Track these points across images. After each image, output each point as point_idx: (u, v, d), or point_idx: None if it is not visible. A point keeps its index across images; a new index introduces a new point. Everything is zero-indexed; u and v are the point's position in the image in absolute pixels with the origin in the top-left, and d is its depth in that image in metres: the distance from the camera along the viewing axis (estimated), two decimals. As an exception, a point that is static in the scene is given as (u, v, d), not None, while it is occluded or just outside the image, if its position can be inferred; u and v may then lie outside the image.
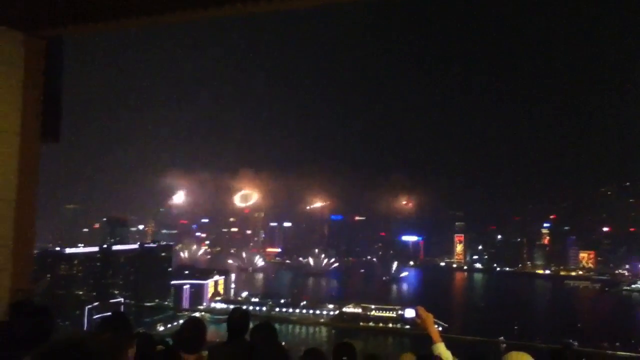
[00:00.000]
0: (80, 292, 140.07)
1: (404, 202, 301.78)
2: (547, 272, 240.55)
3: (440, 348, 5.33)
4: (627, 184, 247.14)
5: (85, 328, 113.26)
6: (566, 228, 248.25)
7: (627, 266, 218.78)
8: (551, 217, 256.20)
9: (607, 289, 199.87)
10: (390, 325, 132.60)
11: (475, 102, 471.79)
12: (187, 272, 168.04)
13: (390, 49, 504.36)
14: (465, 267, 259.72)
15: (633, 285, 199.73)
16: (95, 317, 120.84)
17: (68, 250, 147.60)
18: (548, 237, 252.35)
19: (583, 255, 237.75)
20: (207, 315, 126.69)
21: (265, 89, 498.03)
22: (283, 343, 6.42)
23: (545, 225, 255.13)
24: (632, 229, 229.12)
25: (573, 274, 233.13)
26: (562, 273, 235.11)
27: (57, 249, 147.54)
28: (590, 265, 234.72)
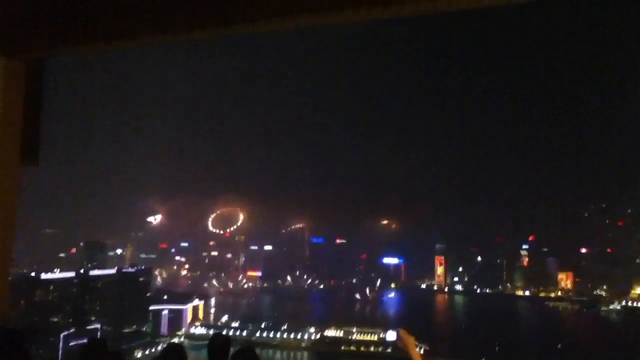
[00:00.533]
0: (56, 319, 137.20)
1: (385, 225, 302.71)
2: (527, 293, 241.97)
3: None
4: (604, 205, 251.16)
5: (60, 355, 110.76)
6: (545, 249, 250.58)
7: (605, 287, 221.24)
8: (530, 238, 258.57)
9: (585, 309, 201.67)
10: (372, 348, 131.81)
11: (455, 124, 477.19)
12: (166, 297, 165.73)
13: (377, 73, 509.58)
14: (446, 289, 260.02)
15: (611, 306, 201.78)
16: (71, 344, 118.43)
17: (44, 276, 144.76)
18: (527, 259, 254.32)
19: (562, 276, 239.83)
20: (187, 341, 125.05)
21: (246, 111, 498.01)
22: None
23: (524, 246, 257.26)
24: (609, 250, 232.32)
25: (552, 294, 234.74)
26: (541, 294, 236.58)
27: (33, 274, 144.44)
28: (569, 286, 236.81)
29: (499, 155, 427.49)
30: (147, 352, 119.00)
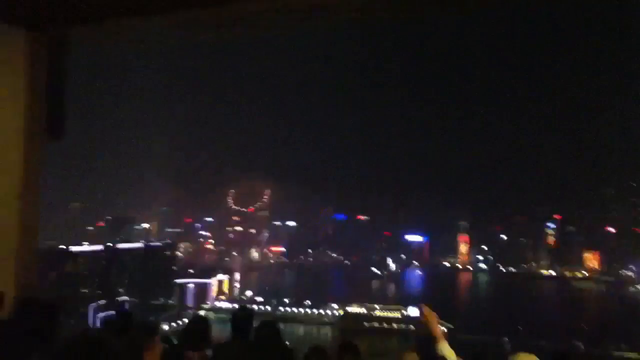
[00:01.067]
0: (86, 290, 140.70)
1: (409, 202, 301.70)
2: (552, 272, 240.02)
3: (444, 348, 5.31)
4: (633, 184, 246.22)
5: (90, 326, 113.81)
6: (571, 228, 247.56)
7: (632, 267, 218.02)
8: (556, 217, 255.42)
9: (612, 289, 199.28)
10: (395, 325, 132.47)
11: (480, 101, 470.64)
12: (191, 270, 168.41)
13: (396, 49, 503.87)
14: (469, 267, 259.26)
15: (638, 286, 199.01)
16: (100, 315, 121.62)
17: (73, 249, 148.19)
18: (553, 238, 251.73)
19: (588, 255, 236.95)
20: (212, 314, 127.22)
21: (272, 91, 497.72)
22: (287, 342, 6.42)
23: (550, 225, 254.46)
24: (636, 229, 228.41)
25: (578, 274, 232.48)
26: (566, 273, 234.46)
27: (63, 247, 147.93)
28: (595, 266, 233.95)
29: (526, 133, 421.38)
30: (173, 324, 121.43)
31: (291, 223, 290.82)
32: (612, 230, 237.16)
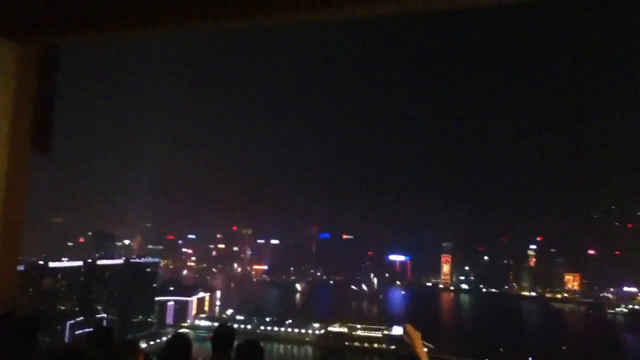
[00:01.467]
0: (63, 307, 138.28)
1: (392, 222, 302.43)
2: (533, 293, 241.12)
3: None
4: (613, 207, 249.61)
5: (68, 343, 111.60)
6: (553, 250, 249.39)
7: (612, 289, 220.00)
8: (538, 238, 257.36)
9: (591, 311, 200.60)
10: (376, 345, 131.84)
11: (465, 122, 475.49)
12: (172, 288, 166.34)
13: (386, 67, 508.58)
14: (452, 288, 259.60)
15: (617, 309, 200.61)
16: (77, 332, 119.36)
17: (52, 264, 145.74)
18: (535, 259, 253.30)
19: (569, 277, 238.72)
20: (192, 332, 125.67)
21: (257, 105, 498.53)
22: (268, 361, 6.39)
23: (531, 247, 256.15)
24: (617, 252, 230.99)
25: (559, 296, 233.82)
26: (548, 295, 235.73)
27: (41, 262, 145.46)
28: (576, 287, 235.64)
29: (508, 155, 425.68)
30: (152, 342, 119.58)
31: (275, 241, 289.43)
32: (593, 252, 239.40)
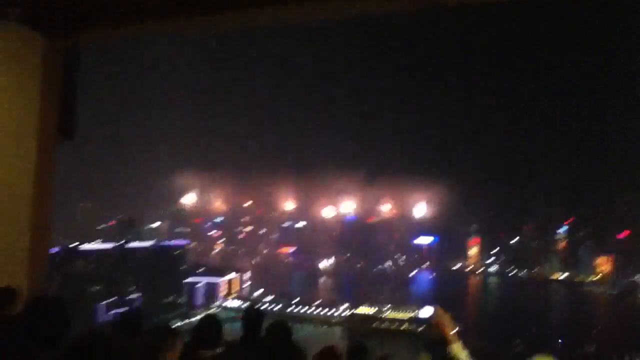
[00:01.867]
0: (95, 289, 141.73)
1: (419, 204, 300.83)
2: (563, 277, 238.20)
3: (456, 349, 5.28)
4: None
5: (101, 324, 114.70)
6: (582, 232, 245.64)
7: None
8: (568, 221, 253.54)
9: (622, 295, 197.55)
10: (404, 326, 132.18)
11: (493, 102, 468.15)
12: (201, 270, 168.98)
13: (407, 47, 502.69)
14: (479, 271, 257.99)
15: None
16: (109, 313, 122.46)
17: (83, 248, 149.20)
18: (564, 242, 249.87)
19: (599, 260, 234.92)
20: (221, 313, 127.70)
21: (282, 91, 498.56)
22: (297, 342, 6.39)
23: (561, 229, 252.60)
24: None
25: (589, 279, 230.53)
26: (578, 278, 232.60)
27: (72, 246, 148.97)
28: (607, 270, 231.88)
29: (539, 136, 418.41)
30: (182, 322, 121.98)
31: (301, 224, 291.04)
32: (624, 236, 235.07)
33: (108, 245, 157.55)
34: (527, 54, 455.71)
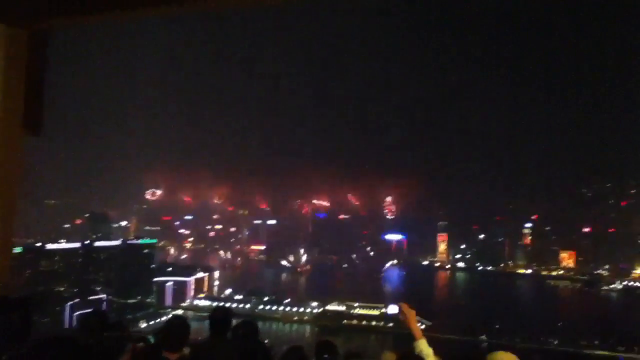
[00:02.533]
0: (62, 288, 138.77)
1: (388, 201, 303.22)
2: (529, 271, 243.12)
3: (422, 345, 5.33)
4: (608, 185, 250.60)
5: (66, 324, 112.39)
6: (547, 228, 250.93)
7: (606, 266, 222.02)
8: (533, 217, 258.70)
9: (586, 288, 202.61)
10: (373, 323, 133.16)
11: (460, 102, 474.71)
12: (170, 269, 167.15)
13: (381, 51, 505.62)
14: (447, 266, 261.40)
15: (612, 285, 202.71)
16: (75, 313, 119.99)
17: (49, 246, 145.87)
18: (530, 237, 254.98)
19: (564, 255, 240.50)
20: (190, 312, 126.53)
21: (252, 85, 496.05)
22: (266, 341, 6.41)
23: (527, 225, 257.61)
24: (611, 230, 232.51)
25: (554, 273, 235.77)
26: (543, 272, 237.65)
27: (38, 244, 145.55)
28: (571, 265, 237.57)
29: (504, 134, 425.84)
30: (151, 322, 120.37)
31: (271, 222, 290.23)
32: (588, 230, 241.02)
33: (75, 244, 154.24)
34: (501, 47, 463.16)
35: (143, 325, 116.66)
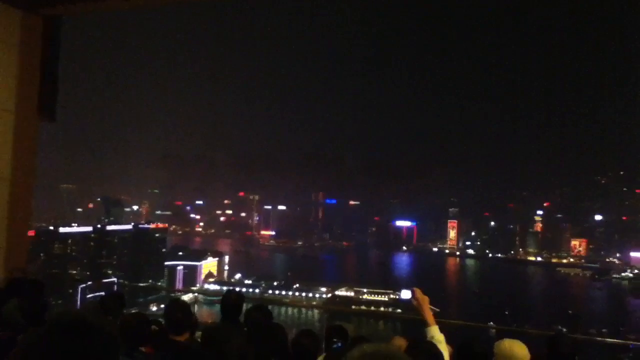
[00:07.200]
0: (74, 272, 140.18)
1: (399, 187, 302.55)
2: (539, 259, 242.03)
3: (434, 331, 5.32)
4: (621, 172, 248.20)
5: (78, 306, 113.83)
6: (559, 215, 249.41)
7: (618, 254, 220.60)
8: (545, 204, 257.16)
9: (597, 276, 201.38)
10: (383, 308, 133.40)
11: (471, 90, 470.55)
12: (181, 253, 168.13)
13: (393, 42, 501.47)
14: (458, 253, 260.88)
15: (623, 274, 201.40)
16: (88, 296, 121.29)
17: (62, 230, 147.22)
18: (541, 224, 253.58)
19: (575, 242, 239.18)
20: (201, 296, 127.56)
21: (265, 76, 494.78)
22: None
23: (538, 212, 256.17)
24: (624, 218, 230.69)
25: (565, 261, 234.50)
26: (554, 260, 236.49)
27: (52, 228, 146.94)
28: (582, 252, 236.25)
29: (516, 121, 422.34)
30: (161, 305, 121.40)
31: (282, 207, 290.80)
32: (599, 218, 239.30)
33: (88, 228, 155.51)
34: (499, 38, 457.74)
35: (154, 308, 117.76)
